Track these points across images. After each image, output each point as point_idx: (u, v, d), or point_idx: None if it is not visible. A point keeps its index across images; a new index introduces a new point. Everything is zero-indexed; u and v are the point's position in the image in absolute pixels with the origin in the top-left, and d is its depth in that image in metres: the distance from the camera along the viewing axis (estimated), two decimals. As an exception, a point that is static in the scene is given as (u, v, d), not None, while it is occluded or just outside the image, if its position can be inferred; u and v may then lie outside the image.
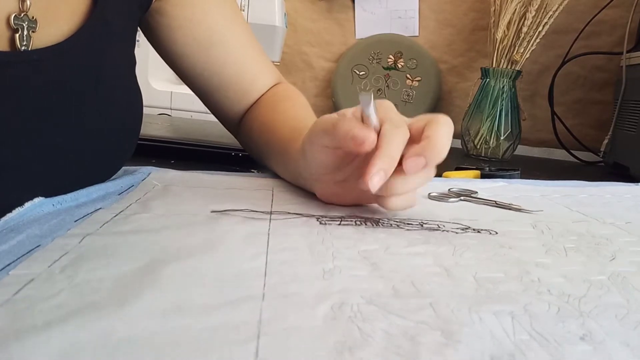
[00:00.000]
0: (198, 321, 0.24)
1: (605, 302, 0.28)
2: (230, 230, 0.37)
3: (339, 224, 0.39)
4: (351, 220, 0.41)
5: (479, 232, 0.41)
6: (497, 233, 0.41)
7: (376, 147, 0.39)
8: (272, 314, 0.25)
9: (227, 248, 0.33)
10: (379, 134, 0.39)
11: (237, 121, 0.67)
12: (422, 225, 0.41)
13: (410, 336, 0.23)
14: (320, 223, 0.39)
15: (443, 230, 0.40)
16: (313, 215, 0.42)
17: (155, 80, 1.16)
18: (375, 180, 0.37)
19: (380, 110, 0.41)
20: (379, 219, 0.42)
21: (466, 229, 0.41)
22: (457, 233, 0.40)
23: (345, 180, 0.46)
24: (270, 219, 0.40)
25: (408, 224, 0.41)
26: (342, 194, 0.46)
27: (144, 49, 0.53)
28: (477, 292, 0.28)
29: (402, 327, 0.24)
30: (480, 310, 0.26)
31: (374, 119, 0.40)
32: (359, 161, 0.45)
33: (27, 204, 0.39)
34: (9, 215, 0.37)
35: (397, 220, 0.42)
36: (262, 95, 0.65)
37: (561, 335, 0.24)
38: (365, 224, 0.40)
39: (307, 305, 0.26)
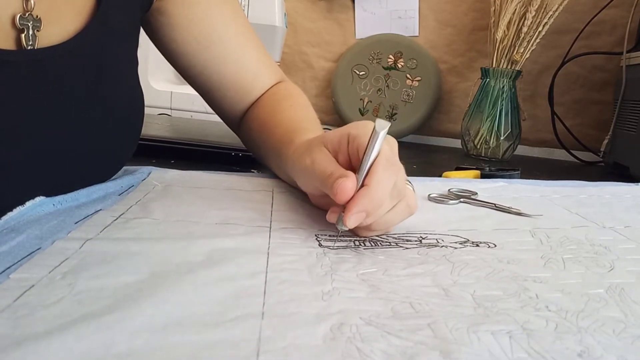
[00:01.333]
0: (198, 338, 0.24)
1: (603, 316, 0.29)
2: (229, 246, 0.37)
3: (334, 247, 0.39)
4: (350, 241, 0.40)
5: (477, 245, 0.40)
6: (495, 246, 0.41)
7: (364, 183, 0.38)
8: (272, 333, 0.25)
9: (226, 264, 0.33)
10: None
11: (238, 119, 0.67)
12: (420, 241, 0.41)
13: (409, 356, 0.23)
14: (320, 245, 0.39)
15: (442, 246, 0.40)
16: (313, 232, 0.42)
17: (155, 80, 1.16)
18: (352, 219, 0.37)
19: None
20: (378, 238, 0.42)
21: (464, 242, 0.41)
22: (455, 248, 0.39)
23: None
24: (269, 235, 0.40)
25: (407, 240, 0.41)
26: (331, 203, 0.46)
27: (144, 49, 0.53)
28: (475, 312, 0.28)
29: (400, 347, 0.24)
30: (479, 330, 0.26)
31: (375, 153, 0.38)
32: None
33: (28, 203, 0.39)
34: (9, 214, 0.37)
35: (396, 236, 0.42)
36: (263, 94, 0.65)
37: (559, 352, 0.24)
38: (364, 245, 0.40)
39: (307, 325, 0.26)
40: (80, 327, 0.24)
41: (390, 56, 1.30)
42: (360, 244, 0.40)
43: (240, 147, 0.71)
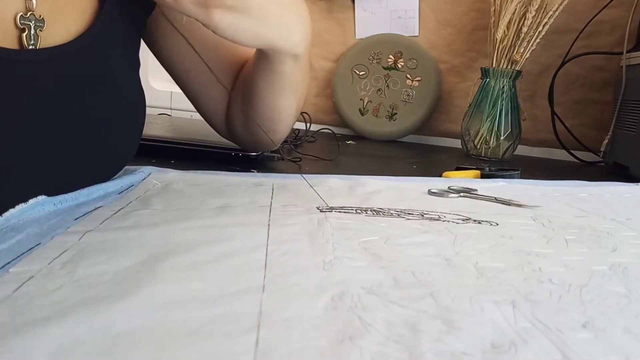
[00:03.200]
0: (198, 313, 0.24)
1: (606, 291, 0.28)
2: (230, 222, 0.37)
3: (339, 212, 0.39)
4: (351, 209, 0.41)
5: (479, 223, 0.41)
6: (497, 224, 0.41)
7: None
8: (273, 305, 0.25)
9: (227, 240, 0.33)
10: None
11: (224, 116, 0.67)
12: (422, 216, 0.41)
13: (411, 324, 0.23)
14: (321, 211, 0.39)
15: (444, 221, 0.40)
16: (314, 205, 0.43)
17: (155, 80, 1.16)
18: None
19: None
20: (380, 209, 0.42)
21: (467, 219, 0.41)
22: (457, 223, 0.40)
23: None
24: (270, 210, 0.40)
25: (409, 213, 0.41)
26: None
27: (144, 49, 0.53)
28: (477, 281, 0.28)
29: (402, 315, 0.24)
30: (482, 299, 0.26)
31: None
32: None
33: (31, 201, 0.39)
34: (11, 211, 0.37)
35: (398, 210, 0.42)
36: None
37: (563, 322, 0.24)
38: (366, 213, 0.40)
39: (308, 296, 0.26)
40: (79, 311, 0.23)
41: (390, 56, 1.30)
42: (361, 212, 0.40)
43: (240, 147, 0.71)
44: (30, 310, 0.24)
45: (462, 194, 0.54)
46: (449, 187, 0.57)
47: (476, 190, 0.56)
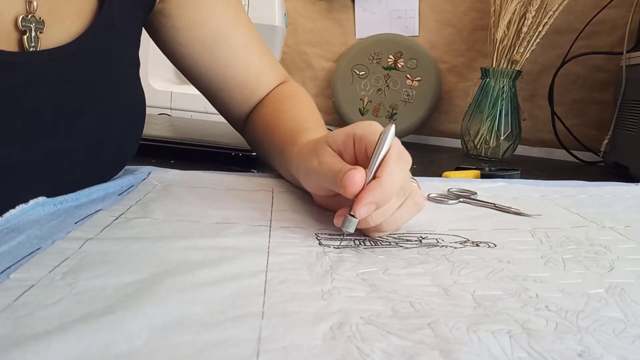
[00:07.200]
0: (198, 338, 0.24)
1: (603, 316, 0.29)
2: (229, 245, 0.37)
3: (338, 247, 0.39)
4: (350, 240, 0.40)
5: (477, 245, 0.41)
6: (495, 245, 0.41)
7: (375, 176, 0.38)
8: (272, 333, 0.25)
9: (226, 263, 0.33)
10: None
11: (243, 120, 0.67)
12: (420, 241, 0.41)
13: (409, 356, 0.23)
14: (320, 244, 0.39)
15: (442, 246, 0.40)
16: (313, 230, 0.42)
17: (155, 80, 1.16)
18: (363, 210, 0.37)
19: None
20: (379, 238, 0.41)
21: (464, 242, 0.41)
22: (455, 248, 0.39)
23: (338, 195, 0.45)
24: (270, 234, 0.40)
25: (407, 240, 0.41)
26: (336, 203, 0.46)
27: (143, 49, 0.53)
28: (475, 311, 0.28)
29: (400, 347, 0.24)
30: (479, 329, 0.26)
31: (385, 149, 0.39)
32: None
33: (31, 202, 0.39)
34: (11, 212, 0.37)
35: (396, 236, 0.42)
36: (268, 94, 0.65)
37: (559, 352, 0.24)
38: (364, 244, 0.40)
39: (307, 324, 0.26)
40: (80, 327, 0.24)
41: (390, 56, 1.30)
42: (360, 244, 0.40)
43: (240, 147, 0.71)
44: (31, 322, 0.24)
45: (461, 200, 0.54)
46: (448, 190, 0.57)
47: (475, 193, 0.56)
